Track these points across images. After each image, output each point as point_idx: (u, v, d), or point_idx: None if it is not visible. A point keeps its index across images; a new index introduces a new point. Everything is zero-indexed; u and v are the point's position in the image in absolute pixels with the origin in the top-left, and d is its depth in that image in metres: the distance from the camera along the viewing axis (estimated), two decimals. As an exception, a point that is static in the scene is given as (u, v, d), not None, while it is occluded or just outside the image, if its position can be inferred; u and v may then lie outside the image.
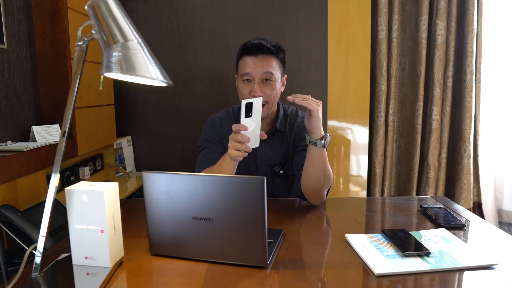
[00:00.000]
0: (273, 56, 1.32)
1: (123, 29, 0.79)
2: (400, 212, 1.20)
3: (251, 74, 1.30)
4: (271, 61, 1.31)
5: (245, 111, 1.05)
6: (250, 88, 1.31)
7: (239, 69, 1.35)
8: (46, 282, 0.82)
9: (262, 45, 1.31)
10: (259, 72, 1.30)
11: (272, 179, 1.42)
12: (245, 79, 1.32)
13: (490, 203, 2.53)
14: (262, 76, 1.30)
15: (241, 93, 1.35)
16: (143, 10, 2.43)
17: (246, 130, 1.06)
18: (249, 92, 1.31)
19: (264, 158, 1.41)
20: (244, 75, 1.32)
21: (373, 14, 2.36)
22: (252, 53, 1.31)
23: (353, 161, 2.44)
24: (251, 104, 1.06)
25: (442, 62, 2.34)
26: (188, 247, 0.88)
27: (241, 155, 1.08)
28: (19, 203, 1.40)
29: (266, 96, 1.31)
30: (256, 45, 1.31)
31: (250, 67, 1.30)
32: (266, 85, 1.31)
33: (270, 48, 1.31)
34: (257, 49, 1.30)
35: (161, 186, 0.86)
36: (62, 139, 0.82)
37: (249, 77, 1.31)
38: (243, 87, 1.33)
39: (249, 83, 1.32)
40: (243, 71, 1.32)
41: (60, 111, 1.76)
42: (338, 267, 0.85)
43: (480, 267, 0.82)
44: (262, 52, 1.30)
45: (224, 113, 1.47)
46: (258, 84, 1.30)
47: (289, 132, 1.42)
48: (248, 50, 1.32)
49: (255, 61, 1.30)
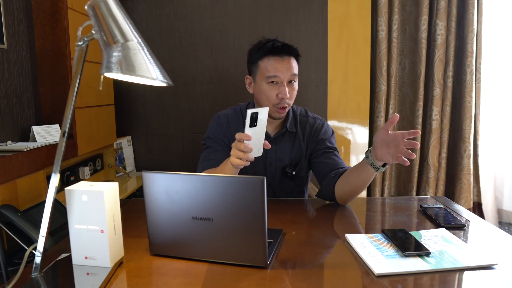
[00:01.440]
0: (293, 58, 1.32)
1: (123, 29, 0.79)
2: (400, 212, 1.20)
3: (279, 76, 1.28)
4: (293, 62, 1.31)
5: (250, 121, 1.02)
6: (278, 90, 1.29)
7: (262, 70, 1.31)
8: (46, 282, 0.82)
9: (288, 46, 1.31)
10: (288, 74, 1.29)
11: (281, 180, 1.41)
12: (271, 81, 1.30)
13: (490, 203, 2.53)
14: (289, 78, 1.30)
15: (265, 95, 1.31)
16: (143, 10, 2.43)
17: (250, 140, 1.05)
18: (276, 94, 1.29)
19: (274, 159, 1.39)
20: (271, 76, 1.29)
21: (373, 14, 2.36)
22: (278, 54, 1.29)
23: (353, 161, 2.44)
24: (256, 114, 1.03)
25: (442, 62, 2.34)
26: (188, 247, 0.88)
27: (243, 164, 1.06)
28: (19, 203, 1.40)
29: (291, 98, 1.31)
30: (282, 47, 1.30)
31: (278, 69, 1.28)
32: (291, 86, 1.31)
33: (294, 50, 1.32)
34: (284, 50, 1.29)
35: (161, 186, 0.86)
36: (62, 139, 0.82)
37: (278, 79, 1.29)
38: (269, 89, 1.30)
39: (275, 85, 1.30)
40: (271, 73, 1.29)
41: (60, 111, 1.76)
42: (338, 267, 0.85)
43: (480, 267, 0.82)
44: (287, 54, 1.30)
45: (231, 111, 1.45)
46: (287, 86, 1.29)
47: (301, 133, 1.41)
48: (274, 51, 1.30)
49: (282, 63, 1.29)
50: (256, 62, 1.34)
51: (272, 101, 1.31)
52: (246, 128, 1.02)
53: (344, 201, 1.27)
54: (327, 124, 1.45)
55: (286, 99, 1.29)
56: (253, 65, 1.35)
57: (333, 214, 1.22)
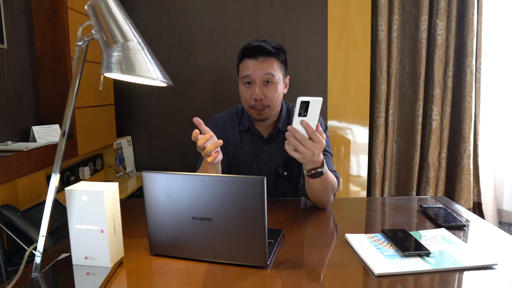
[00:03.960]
0: (273, 58, 1.30)
1: (123, 29, 0.79)
2: (400, 212, 1.20)
3: (251, 76, 1.29)
4: (271, 63, 1.29)
5: (298, 109, 0.98)
6: (252, 91, 1.29)
7: (240, 72, 1.34)
8: (46, 282, 0.82)
9: (262, 47, 1.29)
10: (260, 74, 1.28)
11: (275, 181, 1.41)
12: (246, 82, 1.31)
13: (490, 203, 2.53)
14: (263, 78, 1.28)
15: (243, 97, 1.34)
16: (143, 10, 2.43)
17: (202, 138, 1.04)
18: (250, 96, 1.30)
19: (268, 161, 1.39)
20: (244, 77, 1.30)
21: (373, 14, 2.36)
22: (252, 55, 1.29)
23: (353, 161, 2.44)
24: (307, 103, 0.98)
25: (442, 62, 2.34)
26: (188, 247, 0.88)
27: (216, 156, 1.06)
28: (19, 203, 1.40)
29: (267, 99, 1.29)
30: (256, 47, 1.29)
31: (250, 69, 1.28)
32: (268, 87, 1.30)
33: (270, 50, 1.29)
34: (257, 51, 1.29)
35: (161, 186, 0.86)
36: (62, 139, 0.82)
37: (250, 79, 1.29)
38: (245, 90, 1.32)
39: (250, 86, 1.31)
40: (244, 73, 1.30)
41: (60, 111, 1.76)
42: (338, 267, 0.85)
43: (480, 267, 0.82)
44: (262, 54, 1.28)
45: (227, 113, 1.46)
46: (259, 87, 1.28)
47: None
48: (248, 53, 1.30)
49: (255, 63, 1.28)
50: (238, 65, 1.36)
51: (247, 102, 1.32)
52: (295, 117, 1.00)
53: (317, 204, 1.25)
54: (321, 121, 1.43)
55: (259, 101, 1.29)
56: (237, 68, 1.38)
57: (333, 214, 1.22)
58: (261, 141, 1.40)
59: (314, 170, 1.09)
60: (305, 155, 1.01)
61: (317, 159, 1.06)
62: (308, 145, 1.00)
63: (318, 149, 1.01)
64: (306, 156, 1.02)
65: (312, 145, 1.00)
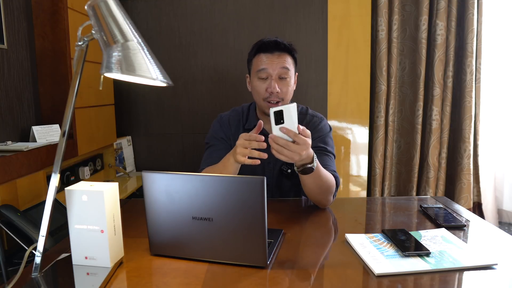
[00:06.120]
0: (288, 54, 1.33)
1: (123, 29, 0.79)
2: (400, 212, 1.20)
3: (267, 70, 1.30)
4: (286, 57, 1.32)
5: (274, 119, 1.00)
6: (267, 85, 1.30)
7: (254, 66, 1.34)
8: (46, 282, 0.82)
9: (278, 42, 1.32)
10: (276, 68, 1.30)
11: (278, 179, 1.41)
12: (261, 77, 1.32)
13: (490, 203, 2.53)
14: (279, 72, 1.30)
15: (256, 91, 1.34)
16: (143, 10, 2.43)
17: (261, 140, 1.05)
18: (266, 89, 1.30)
19: (273, 159, 1.39)
20: (260, 71, 1.31)
21: (373, 14, 2.36)
22: (269, 50, 1.31)
23: (353, 161, 2.44)
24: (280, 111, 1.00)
25: (442, 62, 2.34)
26: (188, 247, 0.88)
27: (247, 162, 1.07)
28: (19, 203, 1.40)
29: (282, 93, 1.31)
30: (273, 42, 1.32)
31: (266, 63, 1.30)
32: (282, 81, 1.31)
33: (286, 45, 1.32)
34: (274, 46, 1.31)
35: (161, 186, 0.86)
36: (62, 139, 0.82)
37: (266, 73, 1.30)
38: (259, 85, 1.32)
39: (265, 80, 1.31)
40: (259, 67, 1.31)
41: (60, 111, 1.76)
42: (338, 267, 0.85)
43: (480, 267, 0.82)
44: (278, 49, 1.31)
45: (233, 113, 1.47)
46: (276, 80, 1.30)
47: None
48: (264, 47, 1.32)
49: (271, 58, 1.30)
50: (251, 60, 1.38)
51: (262, 95, 1.33)
52: (273, 127, 1.01)
53: (316, 203, 1.25)
54: (325, 122, 1.43)
55: (275, 93, 1.30)
56: (249, 63, 1.39)
57: (333, 214, 1.22)
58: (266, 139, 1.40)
59: (303, 166, 1.09)
60: (292, 158, 1.02)
61: (306, 156, 1.06)
62: (293, 148, 1.01)
63: (304, 150, 1.02)
64: (293, 159, 1.02)
65: (297, 147, 1.01)
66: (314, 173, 1.11)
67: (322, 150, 1.34)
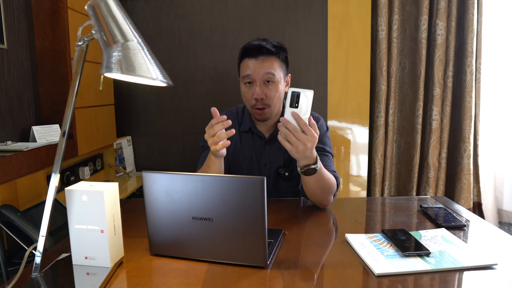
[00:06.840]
0: (274, 57, 1.30)
1: (123, 29, 0.79)
2: (400, 212, 1.20)
3: (251, 76, 1.28)
4: (272, 62, 1.29)
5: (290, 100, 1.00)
6: (252, 91, 1.29)
7: (241, 71, 1.34)
8: (46, 282, 0.82)
9: (262, 46, 1.28)
10: (260, 74, 1.28)
11: (275, 181, 1.41)
12: (246, 82, 1.31)
13: (490, 203, 2.53)
14: (264, 78, 1.28)
15: (245, 98, 1.34)
16: (143, 10, 2.43)
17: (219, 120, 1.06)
18: (251, 95, 1.29)
19: (269, 161, 1.39)
20: (245, 77, 1.30)
21: (373, 14, 2.36)
22: (252, 55, 1.29)
23: (353, 161, 2.44)
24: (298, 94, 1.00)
25: (442, 62, 2.34)
26: (188, 247, 0.88)
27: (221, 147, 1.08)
28: (19, 203, 1.40)
29: (268, 99, 1.29)
30: (256, 47, 1.29)
31: (250, 69, 1.28)
32: (268, 86, 1.29)
33: (270, 49, 1.29)
34: (257, 50, 1.28)
35: (161, 186, 0.86)
36: (62, 139, 0.82)
37: (250, 79, 1.29)
38: (246, 90, 1.32)
39: (251, 86, 1.30)
40: (244, 73, 1.30)
41: (60, 111, 1.76)
42: (338, 267, 0.85)
43: (480, 267, 0.82)
44: (262, 54, 1.28)
45: (228, 113, 1.46)
46: (260, 86, 1.28)
47: None
48: (248, 52, 1.30)
49: (255, 63, 1.28)
50: (238, 64, 1.36)
51: (249, 102, 1.32)
52: (286, 108, 1.01)
53: (316, 204, 1.25)
54: (322, 122, 1.42)
55: (260, 100, 1.29)
56: (238, 67, 1.38)
57: (333, 214, 1.22)
58: (262, 142, 1.40)
59: (307, 167, 1.09)
60: (296, 146, 1.01)
61: (310, 155, 1.05)
62: (300, 136, 1.00)
63: (310, 142, 1.01)
64: (298, 148, 1.01)
65: (304, 138, 1.00)
66: (317, 174, 1.11)
67: (320, 150, 1.34)
